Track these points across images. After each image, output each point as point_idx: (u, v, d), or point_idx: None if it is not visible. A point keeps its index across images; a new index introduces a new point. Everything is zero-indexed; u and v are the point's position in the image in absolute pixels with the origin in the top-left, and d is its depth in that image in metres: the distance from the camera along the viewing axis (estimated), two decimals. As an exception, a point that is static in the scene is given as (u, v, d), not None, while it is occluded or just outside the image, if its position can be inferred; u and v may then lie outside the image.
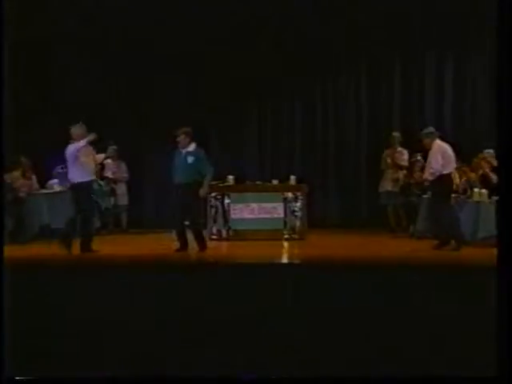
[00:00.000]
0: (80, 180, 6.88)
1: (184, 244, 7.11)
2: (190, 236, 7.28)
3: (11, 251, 6.47)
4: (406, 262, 6.71)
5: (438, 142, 7.64)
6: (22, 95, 9.45)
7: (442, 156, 7.52)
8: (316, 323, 4.17)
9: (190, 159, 7.08)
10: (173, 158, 7.18)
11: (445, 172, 7.45)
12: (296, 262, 7.15)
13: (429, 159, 7.68)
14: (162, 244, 7.91)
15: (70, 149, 6.89)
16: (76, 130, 6.94)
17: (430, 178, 7.59)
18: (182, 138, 7.15)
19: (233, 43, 10.03)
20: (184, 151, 7.15)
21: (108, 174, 9.64)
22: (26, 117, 9.47)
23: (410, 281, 4.88)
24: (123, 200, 9.82)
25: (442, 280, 4.94)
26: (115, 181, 9.74)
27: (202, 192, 7.30)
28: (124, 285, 4.77)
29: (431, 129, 7.88)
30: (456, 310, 4.17)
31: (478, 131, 9.73)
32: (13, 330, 3.72)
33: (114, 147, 9.48)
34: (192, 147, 7.20)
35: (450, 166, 7.56)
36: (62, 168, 8.82)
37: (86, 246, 6.91)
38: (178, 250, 7.08)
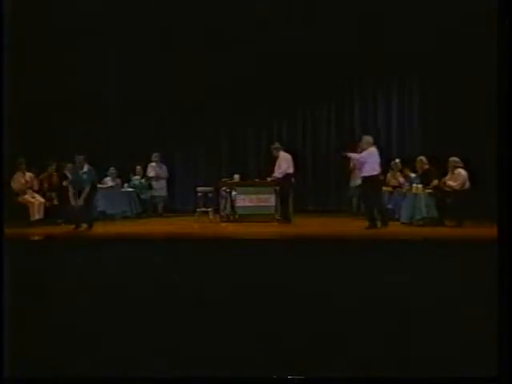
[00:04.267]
0: (369, 174, 7.98)
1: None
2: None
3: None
4: (365, 235, 7.47)
5: (282, 153, 9.30)
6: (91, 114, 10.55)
7: (286, 162, 9.18)
8: (300, 280, 4.44)
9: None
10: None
11: (288, 172, 9.15)
12: (283, 236, 7.69)
13: (278, 164, 9.24)
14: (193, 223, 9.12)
15: (363, 154, 8.04)
16: (365, 139, 8.14)
17: (280, 176, 9.20)
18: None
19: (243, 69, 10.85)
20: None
21: (151, 173, 11.01)
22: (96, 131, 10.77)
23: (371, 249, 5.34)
24: (162, 192, 11.06)
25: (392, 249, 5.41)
26: (156, 178, 10.99)
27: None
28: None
29: (277, 144, 9.55)
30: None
31: (416, 143, 10.99)
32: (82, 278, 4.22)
33: (157, 154, 11.06)
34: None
35: (291, 169, 9.26)
36: (115, 169, 10.40)
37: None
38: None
